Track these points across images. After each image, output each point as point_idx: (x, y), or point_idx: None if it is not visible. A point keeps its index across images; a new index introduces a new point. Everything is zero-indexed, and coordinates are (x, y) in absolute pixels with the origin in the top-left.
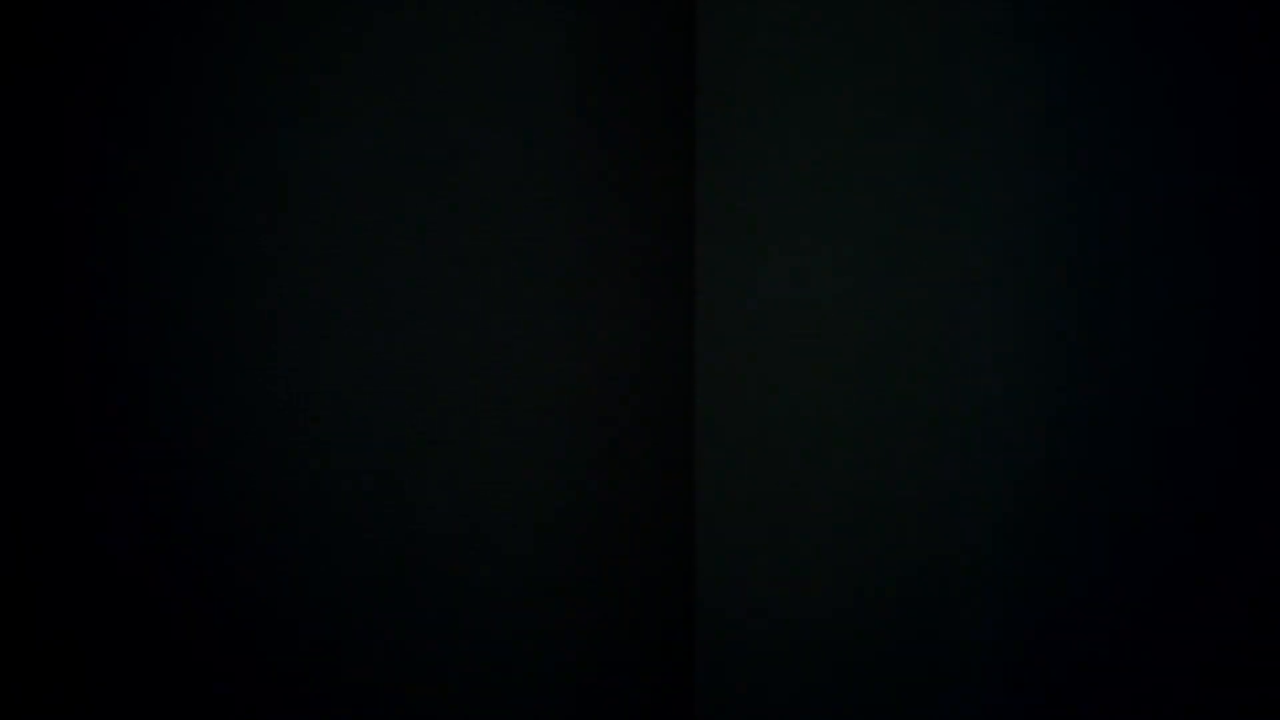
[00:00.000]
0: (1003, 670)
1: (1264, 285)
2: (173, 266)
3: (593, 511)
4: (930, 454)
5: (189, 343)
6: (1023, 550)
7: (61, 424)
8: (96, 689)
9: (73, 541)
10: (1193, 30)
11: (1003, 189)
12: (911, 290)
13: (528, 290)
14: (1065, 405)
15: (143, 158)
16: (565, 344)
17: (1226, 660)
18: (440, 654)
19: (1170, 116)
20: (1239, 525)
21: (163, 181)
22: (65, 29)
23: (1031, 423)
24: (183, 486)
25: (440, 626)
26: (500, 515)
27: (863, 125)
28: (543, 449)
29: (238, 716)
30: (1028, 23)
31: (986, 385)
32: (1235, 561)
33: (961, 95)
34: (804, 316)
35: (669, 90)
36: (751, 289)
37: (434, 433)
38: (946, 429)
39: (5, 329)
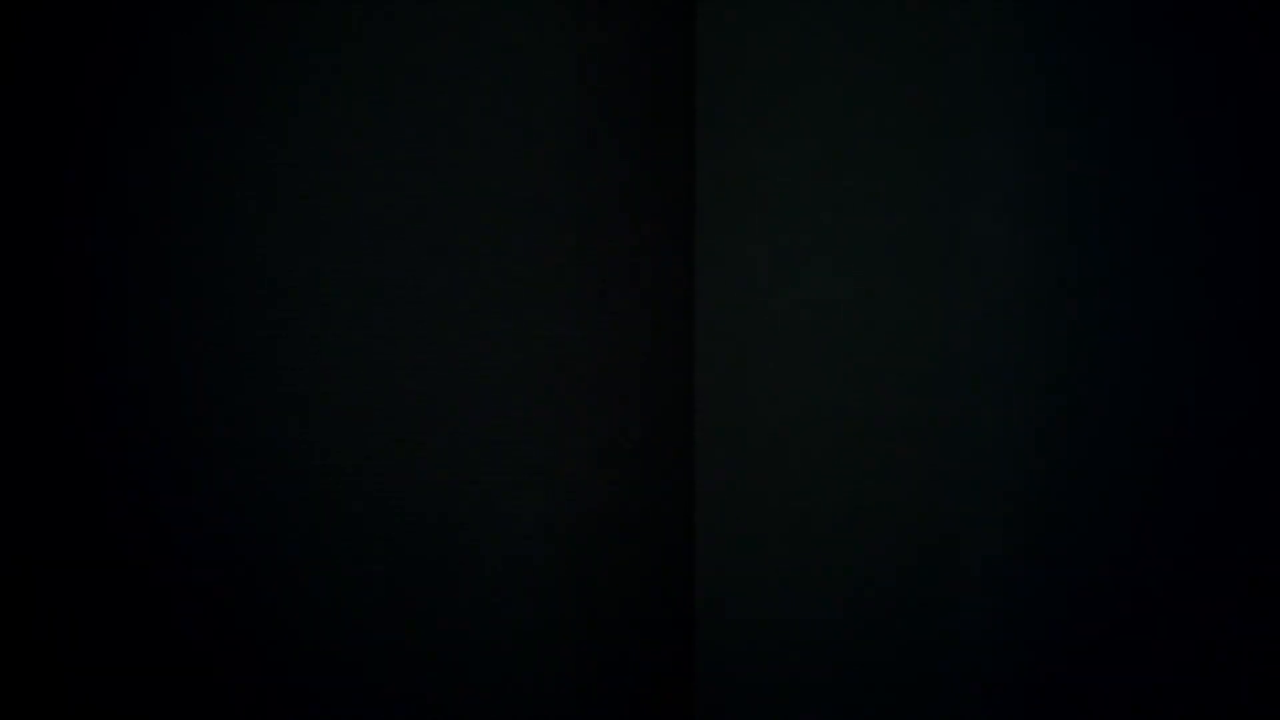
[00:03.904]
0: (1002, 670)
1: (1264, 285)
2: (171, 265)
3: (593, 511)
4: (930, 454)
5: (188, 341)
6: (1023, 550)
7: (60, 422)
8: (94, 685)
9: (71, 537)
10: (1193, 30)
11: (1003, 189)
12: (911, 290)
13: (527, 290)
14: (1065, 405)
15: (141, 156)
16: (565, 344)
17: (1227, 660)
18: (440, 653)
19: (1170, 116)
20: (1239, 525)
21: (161, 179)
22: (65, 28)
23: (1031, 423)
24: (182, 484)
25: (440, 626)
26: (500, 515)
27: (863, 125)
28: (542, 449)
29: (236, 713)
30: (1029, 23)
31: (987, 385)
32: (1236, 561)
33: (962, 95)
34: (804, 316)
35: (669, 90)
36: (751, 289)
37: (432, 432)
38: (946, 429)
39: (6, 327)
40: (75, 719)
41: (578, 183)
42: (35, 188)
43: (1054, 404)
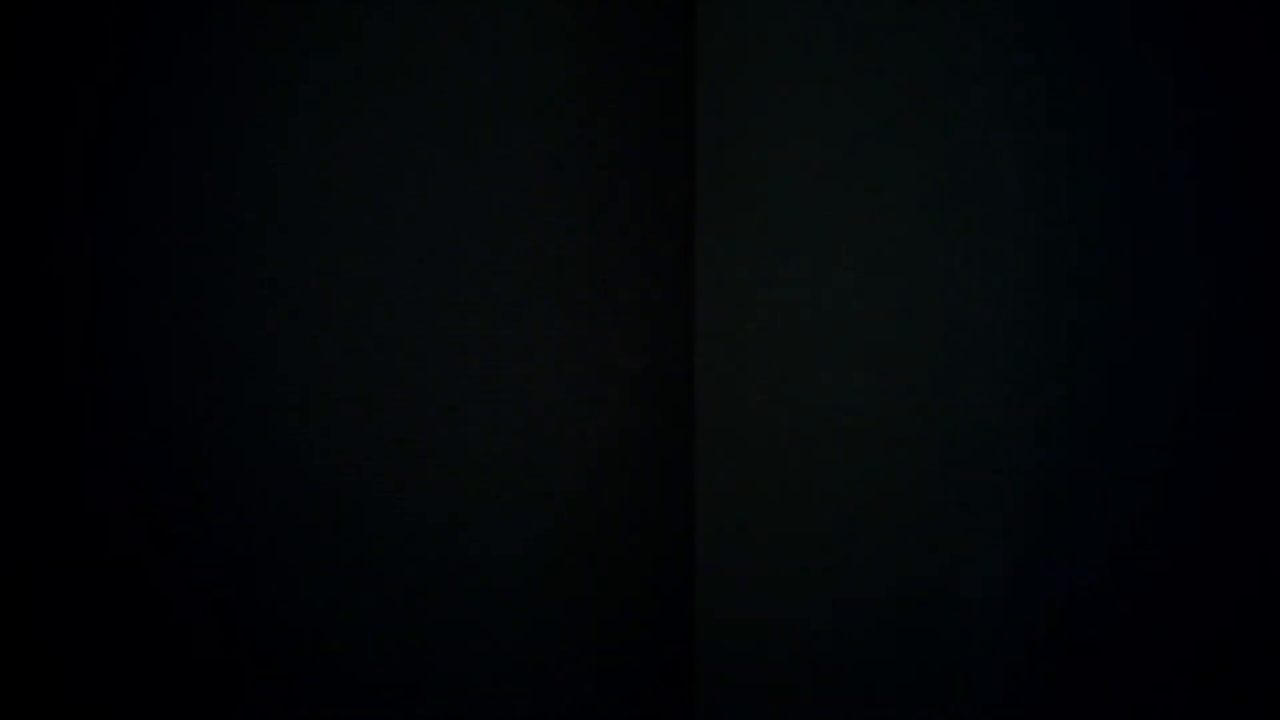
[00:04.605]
0: (1002, 671)
1: (1263, 285)
2: (171, 265)
3: (593, 511)
4: (931, 453)
5: (188, 341)
6: (1023, 551)
7: (60, 422)
8: (94, 685)
9: (71, 537)
10: (1193, 30)
11: (1003, 189)
12: (911, 290)
13: (527, 290)
14: (1066, 405)
15: (141, 156)
16: (565, 343)
17: (1226, 660)
18: (440, 653)
19: (1170, 116)
20: (1239, 525)
21: (161, 179)
22: (65, 28)
23: (1032, 423)
24: (182, 484)
25: (440, 627)
26: (500, 515)
27: (863, 125)
28: (543, 450)
29: (236, 713)
30: (1029, 23)
31: (987, 386)
32: (1236, 561)
33: (962, 95)
34: (804, 316)
35: (669, 90)
36: (751, 289)
37: (433, 434)
38: (947, 429)
39: (6, 327)
40: (75, 719)
41: (578, 183)
42: (35, 188)
43: (1054, 404)
